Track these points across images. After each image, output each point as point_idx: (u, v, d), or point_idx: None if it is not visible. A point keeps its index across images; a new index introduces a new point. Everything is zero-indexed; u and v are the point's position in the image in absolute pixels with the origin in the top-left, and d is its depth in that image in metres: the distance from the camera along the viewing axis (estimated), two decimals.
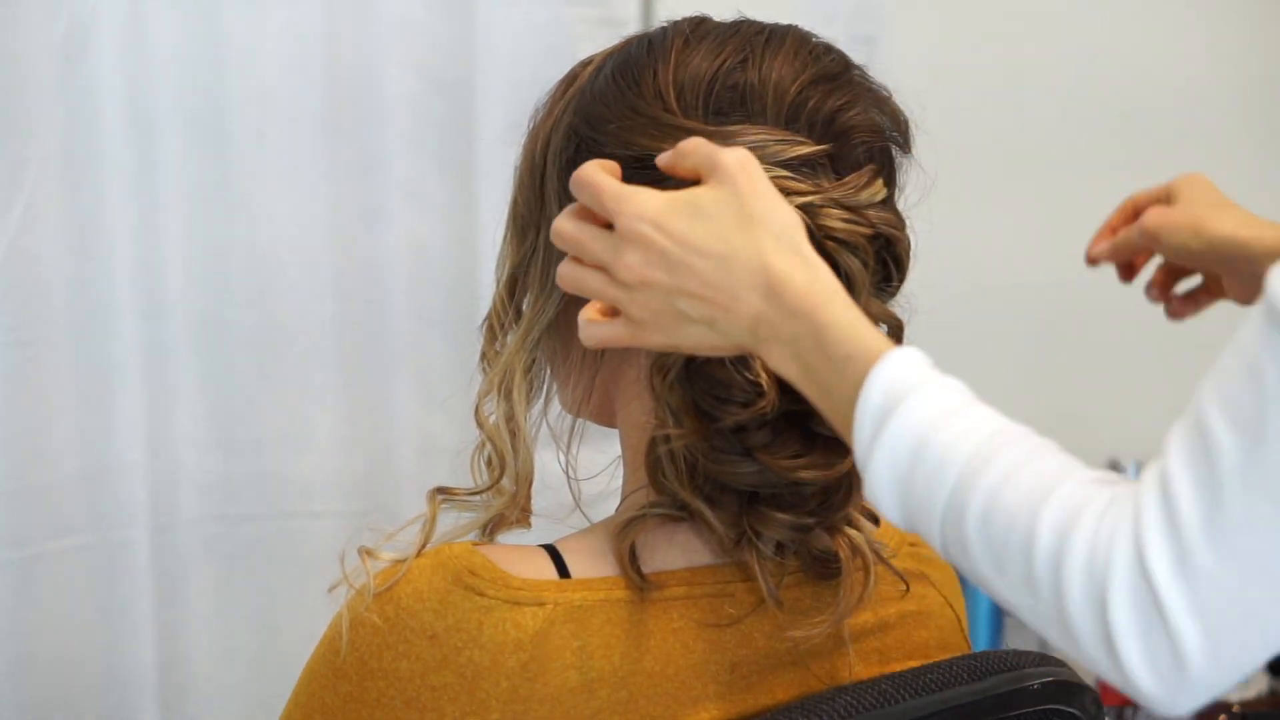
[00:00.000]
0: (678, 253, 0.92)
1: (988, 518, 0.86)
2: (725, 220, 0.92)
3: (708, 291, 0.92)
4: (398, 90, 1.85)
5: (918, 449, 0.88)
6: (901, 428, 0.88)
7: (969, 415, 0.89)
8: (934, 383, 0.89)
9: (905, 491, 0.89)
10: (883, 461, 0.89)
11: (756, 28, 1.07)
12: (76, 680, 1.75)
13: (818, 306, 0.91)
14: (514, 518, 1.10)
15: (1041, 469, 0.86)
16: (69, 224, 1.71)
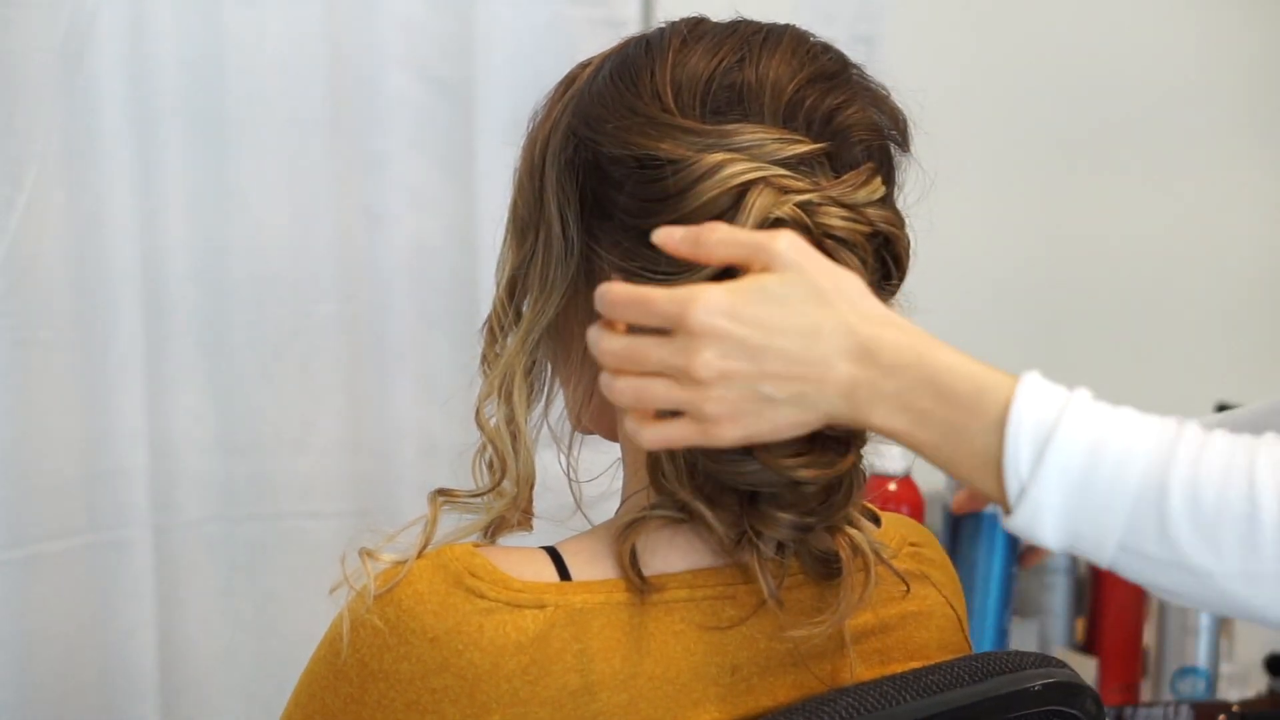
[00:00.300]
0: (758, 338, 0.92)
1: (1194, 488, 0.87)
2: (800, 298, 0.93)
3: (796, 369, 0.93)
4: (398, 90, 1.85)
5: (1093, 454, 0.89)
6: (1071, 437, 0.89)
7: (1128, 413, 0.91)
8: (1078, 393, 0.91)
9: (1078, 503, 0.89)
10: (1051, 478, 0.89)
11: (754, 27, 1.07)
12: (77, 680, 1.75)
13: (923, 356, 0.93)
14: (515, 520, 1.10)
15: (1229, 440, 0.88)
16: (69, 224, 1.71)
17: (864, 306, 0.94)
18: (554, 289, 1.06)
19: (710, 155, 1.00)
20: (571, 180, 1.05)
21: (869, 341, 0.92)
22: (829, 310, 0.93)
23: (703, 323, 0.92)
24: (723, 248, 0.95)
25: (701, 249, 0.95)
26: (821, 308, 0.93)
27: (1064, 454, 0.89)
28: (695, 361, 0.92)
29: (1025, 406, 0.90)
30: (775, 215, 0.99)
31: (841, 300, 0.93)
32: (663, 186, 1.01)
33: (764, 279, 0.94)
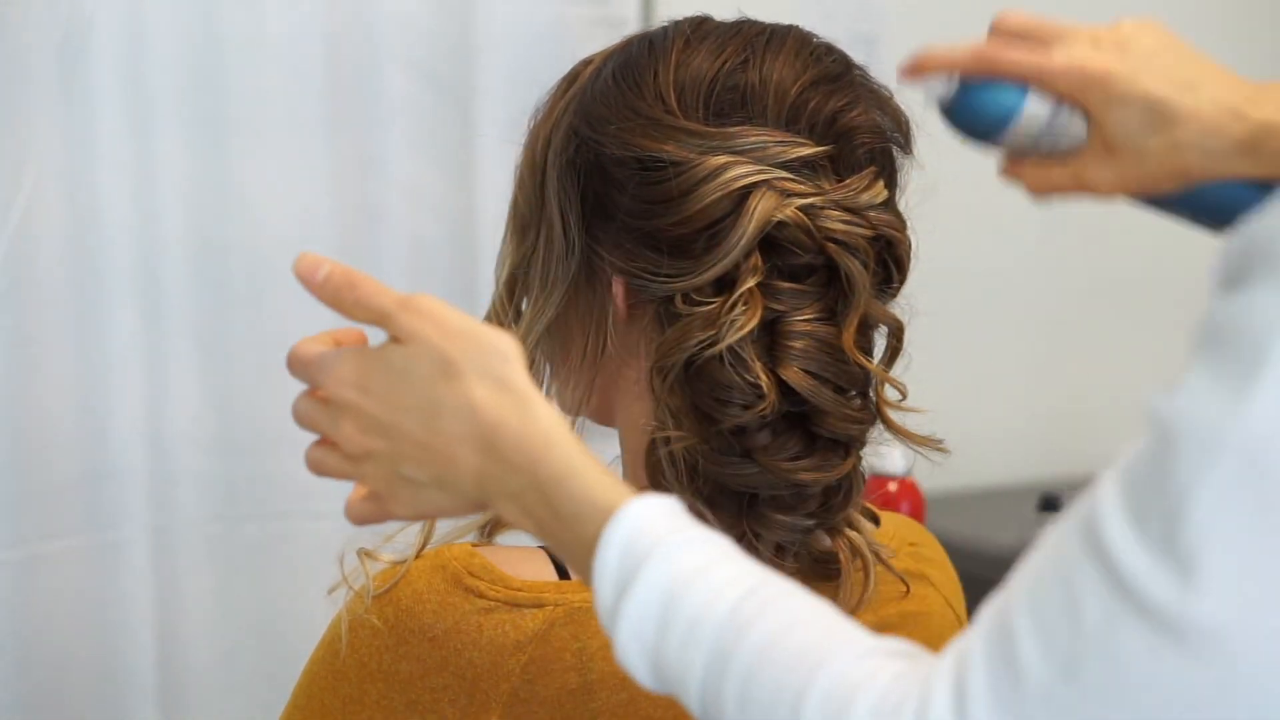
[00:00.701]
0: (386, 414, 0.86)
1: (745, 700, 0.79)
2: (423, 373, 0.85)
3: (424, 453, 0.86)
4: (397, 89, 1.85)
5: (664, 620, 0.80)
6: (644, 596, 0.81)
7: (720, 573, 0.81)
8: (678, 536, 0.82)
9: (657, 664, 0.81)
10: (629, 633, 0.81)
11: (758, 28, 1.06)
12: (75, 681, 1.75)
13: (536, 458, 0.84)
14: None
15: (806, 639, 0.79)
16: (68, 224, 1.71)
17: (497, 382, 0.85)
18: (554, 288, 1.05)
19: (713, 158, 1.00)
20: (573, 180, 1.05)
21: (489, 431, 0.84)
22: (452, 387, 0.85)
23: (336, 394, 0.87)
24: (358, 310, 0.88)
25: (340, 304, 0.88)
26: (445, 383, 0.85)
27: (637, 616, 0.80)
28: (340, 435, 0.88)
29: (610, 547, 0.82)
30: (777, 218, 0.99)
31: (468, 375, 0.84)
32: (665, 189, 1.00)
33: (389, 350, 0.87)
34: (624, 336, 1.05)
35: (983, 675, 0.75)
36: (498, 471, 0.85)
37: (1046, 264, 2.36)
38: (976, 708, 0.74)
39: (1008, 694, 0.74)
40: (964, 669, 0.76)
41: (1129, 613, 0.72)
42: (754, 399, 0.99)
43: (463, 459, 0.85)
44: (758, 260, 1.00)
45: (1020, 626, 0.75)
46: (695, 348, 0.99)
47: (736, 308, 0.99)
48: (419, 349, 0.85)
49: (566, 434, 0.85)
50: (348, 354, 0.88)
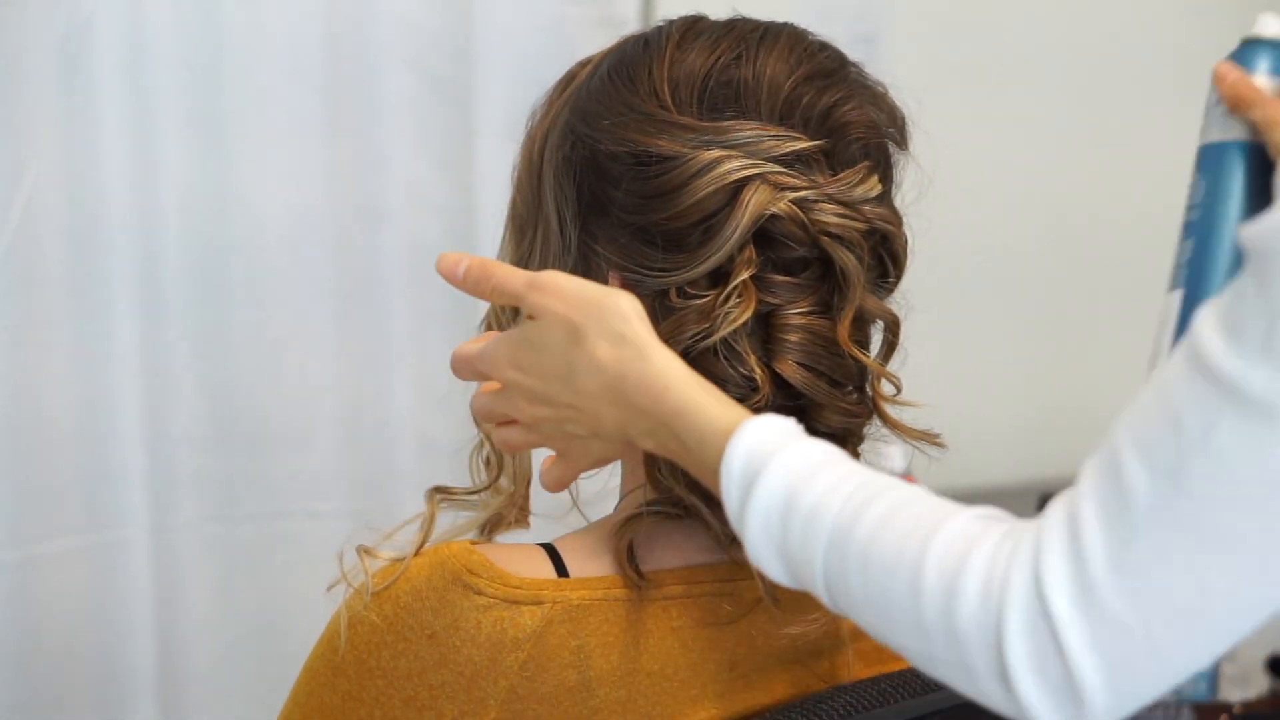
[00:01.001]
0: (540, 385, 0.96)
1: (867, 564, 0.85)
2: (556, 342, 0.95)
3: (576, 412, 0.96)
4: (398, 89, 1.85)
5: (787, 509, 0.88)
6: (768, 491, 0.88)
7: (835, 470, 0.88)
8: (795, 444, 0.90)
9: (784, 553, 0.89)
10: (756, 528, 0.89)
11: (751, 25, 1.07)
12: (76, 680, 1.75)
13: (658, 399, 0.93)
14: (512, 518, 1.10)
15: (919, 511, 0.85)
16: (69, 223, 1.71)
17: (616, 337, 0.94)
18: None
19: (707, 152, 1.00)
20: (569, 177, 1.05)
21: (616, 382, 0.94)
22: (580, 350, 0.94)
23: (500, 377, 0.98)
24: (495, 295, 0.99)
25: (479, 291, 0.99)
26: (574, 347, 0.94)
27: (763, 510, 0.88)
28: (515, 410, 0.98)
29: (735, 456, 0.90)
30: (771, 211, 0.99)
31: (592, 335, 0.94)
32: (659, 183, 1.01)
33: (526, 327, 0.97)
34: None
35: (1092, 505, 0.80)
36: (631, 417, 0.94)
37: (1048, 261, 2.36)
38: (1089, 534, 0.80)
39: (1117, 516, 0.79)
40: (1075, 504, 0.81)
41: (1228, 409, 0.77)
42: (748, 392, 0.99)
43: (604, 412, 0.95)
44: (752, 253, 1.00)
45: (1125, 455, 0.80)
46: (690, 340, 1.00)
47: (731, 300, 0.99)
48: (549, 321, 0.95)
49: (683, 374, 0.93)
50: (499, 340, 0.98)
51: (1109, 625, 0.79)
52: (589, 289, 0.95)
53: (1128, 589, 0.79)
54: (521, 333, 0.97)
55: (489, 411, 1.00)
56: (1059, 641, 0.80)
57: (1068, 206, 2.34)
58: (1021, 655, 0.80)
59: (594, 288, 0.95)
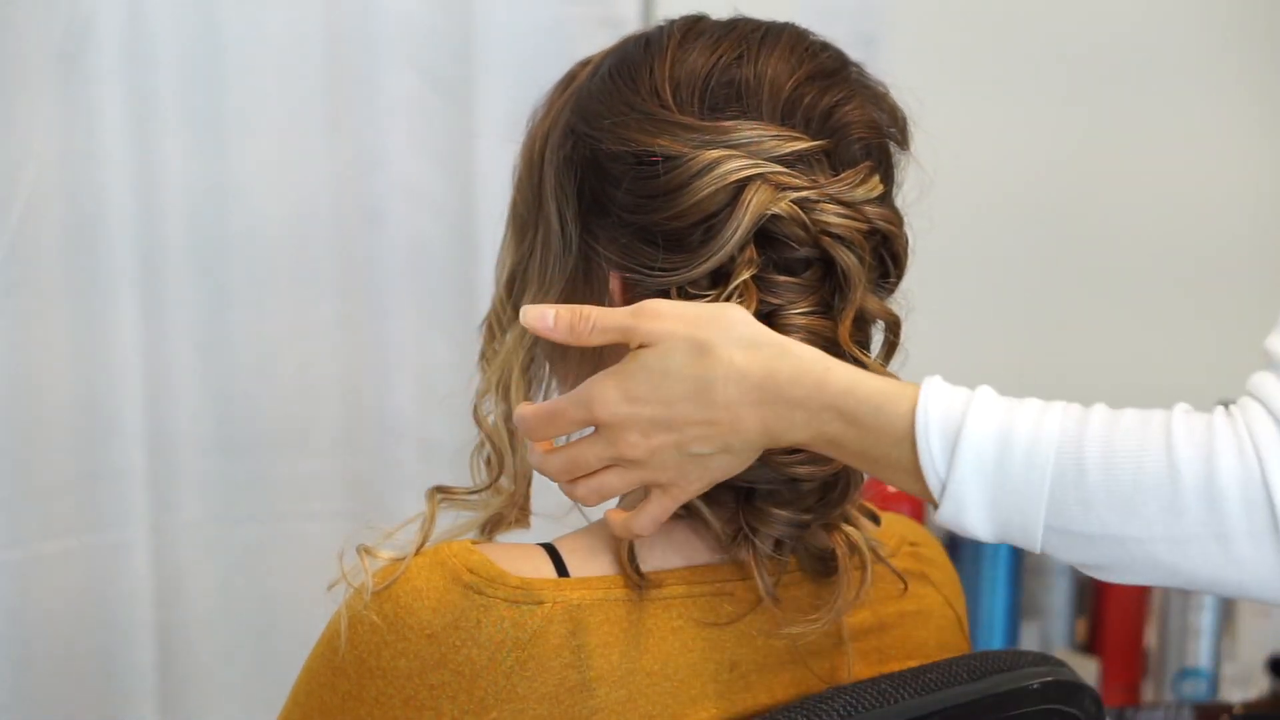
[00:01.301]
0: (663, 411, 0.96)
1: (1110, 456, 0.90)
2: (681, 362, 0.96)
3: (709, 428, 0.96)
4: (397, 89, 1.85)
5: (1003, 441, 0.91)
6: (980, 430, 0.92)
7: (1032, 402, 0.93)
8: (981, 390, 0.94)
9: (997, 491, 0.92)
10: (967, 470, 0.92)
11: (753, 25, 1.07)
12: (76, 681, 1.75)
13: (819, 384, 0.95)
14: (513, 517, 1.10)
15: (1137, 412, 0.91)
16: (69, 223, 1.71)
17: (749, 342, 0.96)
18: (552, 285, 1.06)
19: (708, 152, 1.00)
20: (570, 177, 1.05)
21: (764, 381, 0.95)
22: (712, 361, 0.95)
23: (611, 416, 0.97)
24: (597, 335, 0.99)
25: (576, 337, 0.99)
26: (704, 360, 0.95)
27: (975, 446, 0.92)
28: (624, 448, 0.98)
29: (931, 409, 0.93)
30: (772, 211, 0.99)
31: (723, 346, 0.95)
32: (660, 183, 1.01)
33: (642, 356, 0.97)
34: None
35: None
36: (781, 412, 0.95)
37: (1050, 262, 2.35)
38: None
39: None
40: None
41: None
42: None
43: (745, 418, 0.95)
44: (753, 253, 1.00)
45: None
46: None
47: (732, 300, 0.99)
48: (669, 344, 0.96)
49: (831, 358, 0.96)
50: (598, 382, 0.98)
51: None
52: (696, 305, 0.97)
53: None
54: (634, 364, 0.97)
55: (578, 463, 1.00)
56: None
57: (1070, 207, 2.34)
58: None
59: (699, 304, 0.97)
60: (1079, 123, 2.34)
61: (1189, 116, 2.38)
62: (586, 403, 0.98)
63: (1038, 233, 2.33)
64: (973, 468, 0.92)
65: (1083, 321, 2.37)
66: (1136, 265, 2.37)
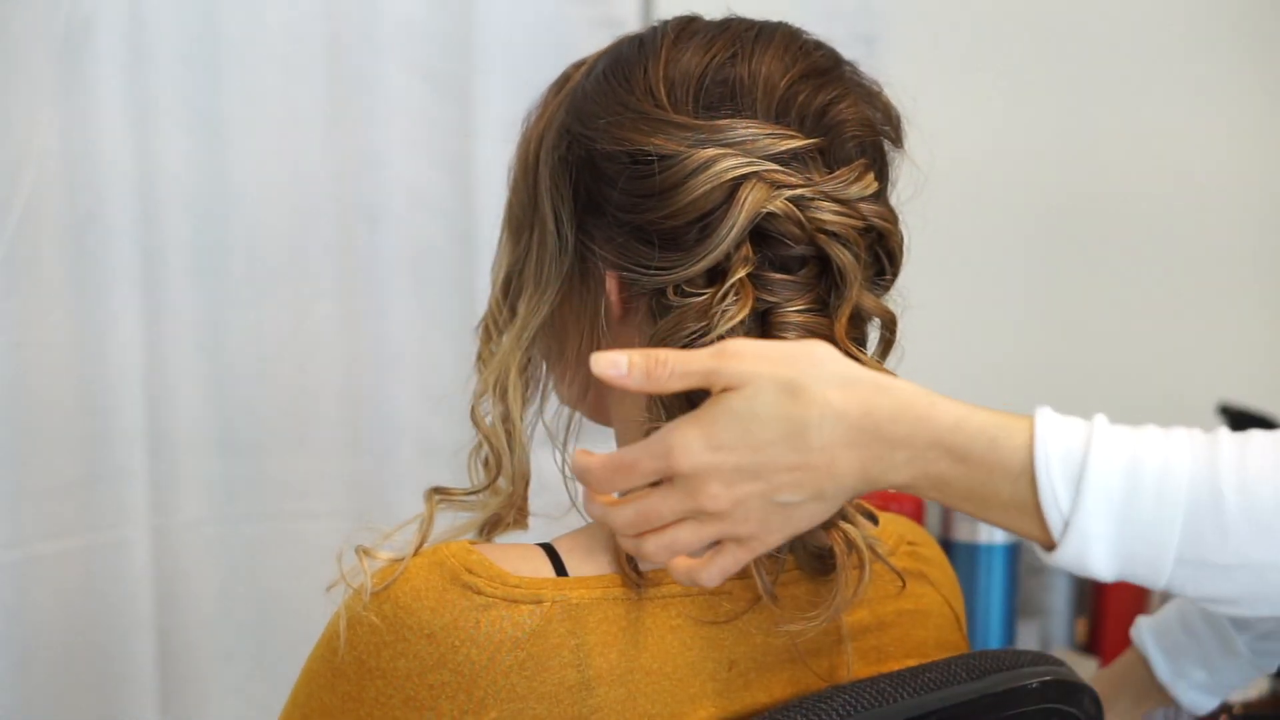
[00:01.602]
0: (750, 458, 0.90)
1: (1247, 488, 0.86)
2: (770, 404, 0.90)
3: (800, 473, 0.90)
4: (397, 89, 1.85)
5: (1133, 474, 0.88)
6: (1106, 462, 0.88)
7: (1151, 429, 0.89)
8: (1098, 420, 0.90)
9: (1125, 525, 0.88)
10: (1095, 506, 0.88)
11: (746, 24, 1.07)
12: (76, 681, 1.75)
13: (923, 419, 0.90)
14: (511, 518, 1.10)
15: (1265, 434, 0.88)
16: (69, 223, 1.71)
17: (842, 379, 0.91)
18: (548, 286, 1.06)
19: (703, 150, 1.00)
20: (565, 177, 1.05)
21: (862, 419, 0.90)
22: (805, 402, 0.90)
23: (693, 465, 0.91)
24: (676, 380, 0.92)
25: (654, 383, 0.92)
26: (796, 402, 0.90)
27: (1103, 479, 0.87)
28: (704, 500, 0.91)
29: (1050, 442, 0.88)
30: (767, 209, 1.00)
31: (815, 384, 0.90)
32: (655, 182, 1.01)
33: (727, 400, 0.91)
34: (618, 331, 1.05)
35: None
36: (881, 452, 0.90)
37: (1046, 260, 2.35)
38: None
39: None
40: None
41: None
42: None
43: (841, 460, 0.90)
44: (749, 251, 1.00)
45: None
46: (687, 338, 1.00)
47: (728, 298, 0.99)
48: (756, 386, 0.90)
49: (935, 393, 0.91)
50: (678, 427, 0.91)
51: None
52: (782, 344, 0.92)
53: None
54: (718, 408, 0.91)
55: (649, 517, 0.92)
56: None
57: (1068, 206, 2.34)
58: None
59: (790, 343, 0.92)
60: (1078, 122, 2.35)
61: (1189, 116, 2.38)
62: (664, 453, 0.91)
63: (1034, 230, 2.34)
64: (1100, 502, 0.87)
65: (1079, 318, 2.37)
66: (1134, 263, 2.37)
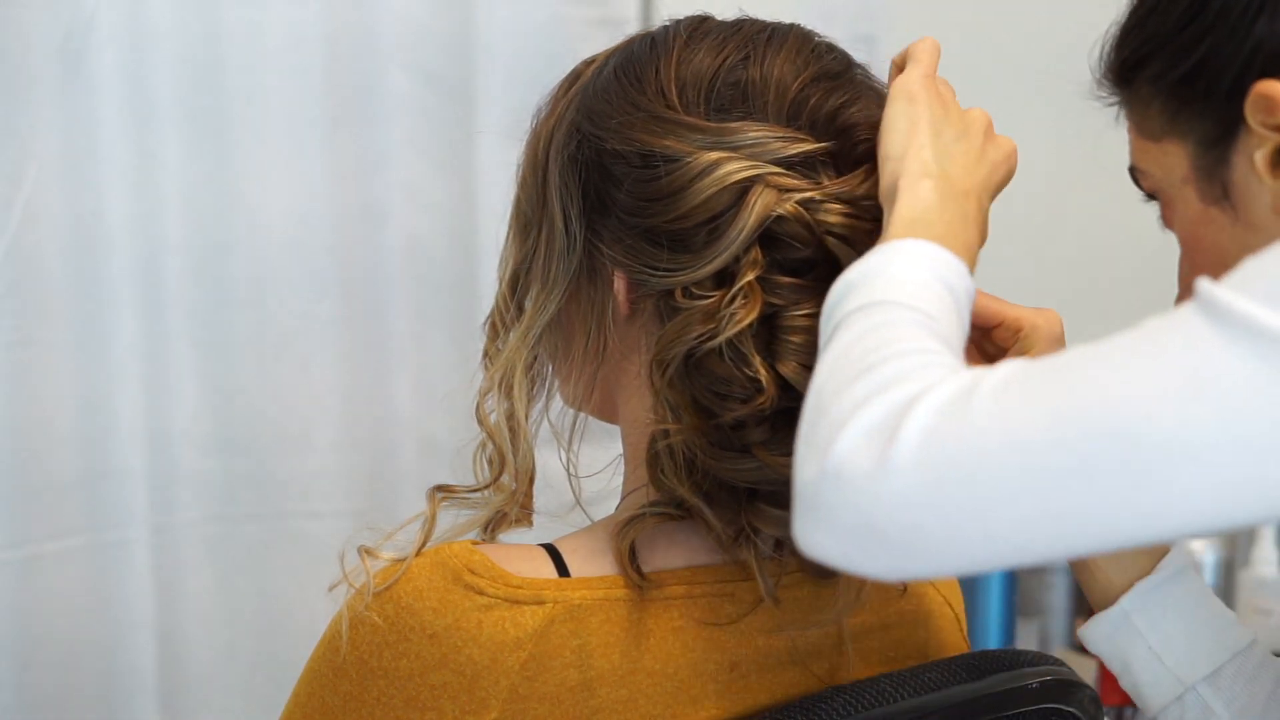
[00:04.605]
0: None
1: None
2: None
3: None
4: (397, 89, 1.85)
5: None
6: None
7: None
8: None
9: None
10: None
11: (759, 26, 1.07)
12: (76, 681, 1.74)
13: None
14: (515, 516, 1.10)
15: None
16: (68, 224, 1.71)
17: None
18: (556, 284, 1.06)
19: (713, 153, 1.00)
20: (574, 176, 1.05)
21: None
22: None
23: None
24: None
25: None
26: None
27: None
28: None
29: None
30: (777, 213, 1.00)
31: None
32: (664, 184, 1.01)
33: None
34: (625, 332, 1.05)
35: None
36: None
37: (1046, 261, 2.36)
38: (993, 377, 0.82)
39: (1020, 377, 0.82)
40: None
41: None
42: (752, 393, 0.99)
43: None
44: (758, 254, 1.00)
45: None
46: (694, 341, 1.00)
47: (736, 301, 0.99)
48: None
49: None
50: None
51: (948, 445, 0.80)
52: None
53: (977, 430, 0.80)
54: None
55: None
56: (901, 420, 0.81)
57: (1069, 207, 2.34)
58: (867, 420, 0.82)
59: None
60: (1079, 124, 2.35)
61: None
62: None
63: (1036, 232, 2.34)
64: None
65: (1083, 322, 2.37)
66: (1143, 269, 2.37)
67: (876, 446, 0.81)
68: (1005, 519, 0.80)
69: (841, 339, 0.89)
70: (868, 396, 0.83)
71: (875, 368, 0.85)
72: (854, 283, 0.92)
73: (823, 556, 0.83)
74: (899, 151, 0.99)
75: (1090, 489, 0.79)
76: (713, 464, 1.01)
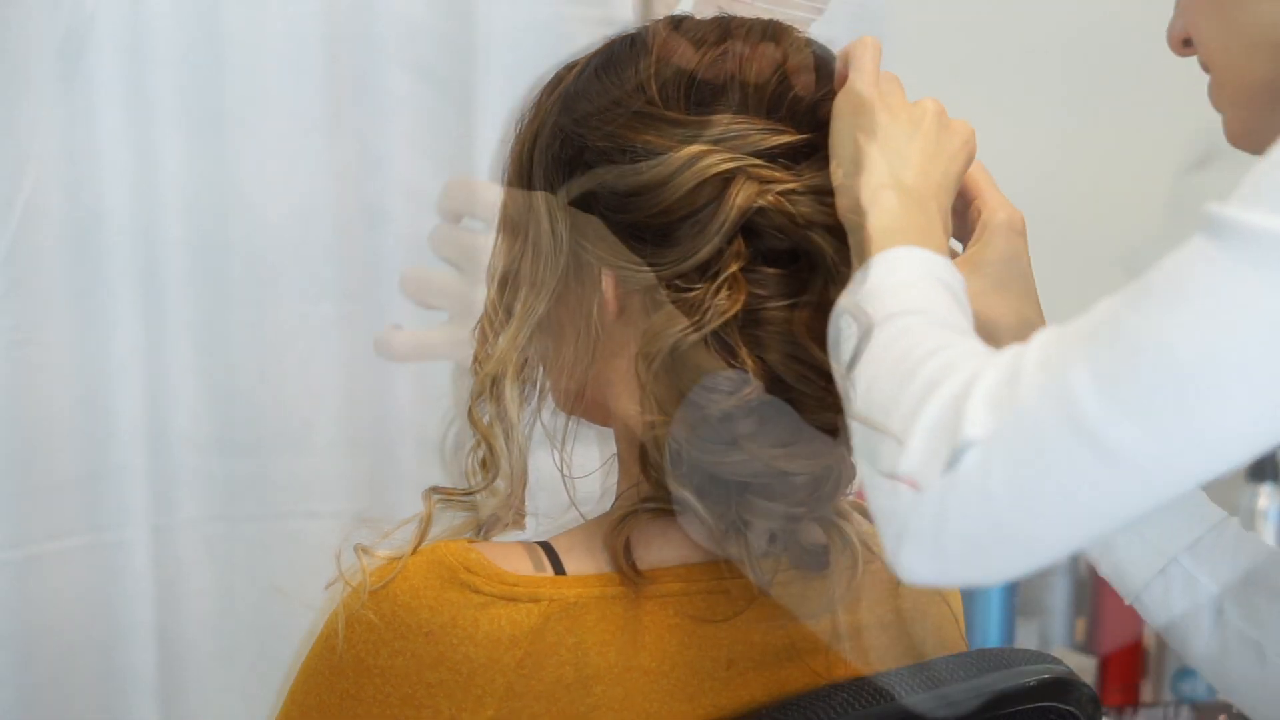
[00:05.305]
0: None
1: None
2: None
3: None
4: (398, 89, 1.85)
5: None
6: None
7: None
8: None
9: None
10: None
11: (738, 22, 1.08)
12: (76, 681, 1.74)
13: None
14: (508, 519, 1.10)
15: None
16: (69, 223, 1.71)
17: None
18: (544, 285, 1.06)
19: (694, 146, 1.01)
20: (558, 176, 1.06)
21: None
22: None
23: None
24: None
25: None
26: None
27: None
28: None
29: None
30: (759, 205, 1.00)
31: None
32: (645, 178, 1.01)
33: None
34: (614, 330, 1.05)
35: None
36: None
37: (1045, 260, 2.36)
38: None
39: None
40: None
41: None
42: (739, 385, 0.99)
43: None
44: (740, 246, 1.00)
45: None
46: (680, 334, 1.00)
47: (720, 293, 1.00)
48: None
49: None
50: None
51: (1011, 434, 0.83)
52: None
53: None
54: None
55: None
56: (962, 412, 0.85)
57: (1068, 206, 2.34)
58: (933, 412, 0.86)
59: None
60: (1078, 124, 2.35)
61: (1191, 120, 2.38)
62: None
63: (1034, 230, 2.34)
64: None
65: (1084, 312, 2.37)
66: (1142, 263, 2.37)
67: (942, 457, 0.84)
68: (1080, 496, 0.83)
69: (872, 354, 0.92)
70: (919, 403, 0.87)
71: (914, 373, 0.88)
72: (861, 302, 0.94)
73: (931, 581, 0.87)
74: (852, 170, 1.00)
75: (1158, 445, 0.82)
76: (702, 457, 1.01)
